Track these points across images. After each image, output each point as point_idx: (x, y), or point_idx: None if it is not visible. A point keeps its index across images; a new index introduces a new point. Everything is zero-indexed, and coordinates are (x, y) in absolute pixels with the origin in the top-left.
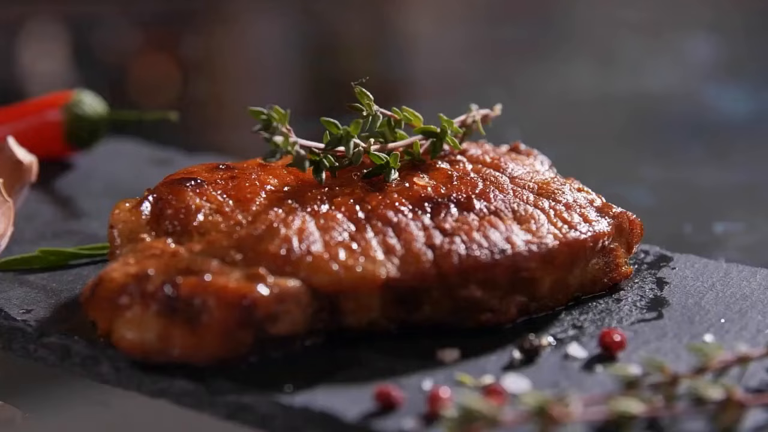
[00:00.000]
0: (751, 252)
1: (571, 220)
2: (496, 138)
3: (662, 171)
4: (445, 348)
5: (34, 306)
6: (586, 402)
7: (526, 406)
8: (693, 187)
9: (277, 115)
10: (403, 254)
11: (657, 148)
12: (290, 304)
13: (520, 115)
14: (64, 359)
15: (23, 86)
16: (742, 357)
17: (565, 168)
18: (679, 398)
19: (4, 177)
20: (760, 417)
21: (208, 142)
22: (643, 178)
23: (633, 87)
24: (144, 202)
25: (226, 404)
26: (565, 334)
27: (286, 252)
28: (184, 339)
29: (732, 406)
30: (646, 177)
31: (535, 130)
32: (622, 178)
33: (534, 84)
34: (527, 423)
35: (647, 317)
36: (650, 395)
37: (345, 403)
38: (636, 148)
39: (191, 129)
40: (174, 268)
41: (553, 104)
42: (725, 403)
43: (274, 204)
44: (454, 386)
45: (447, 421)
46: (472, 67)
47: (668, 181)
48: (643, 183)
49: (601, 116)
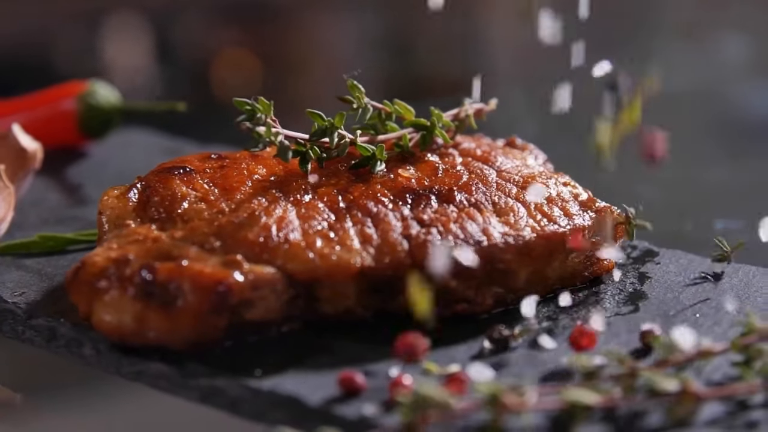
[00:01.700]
0: (747, 250)
1: (551, 213)
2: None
3: (676, 168)
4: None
5: (26, 289)
6: (542, 392)
7: (479, 395)
8: (703, 184)
9: (261, 106)
10: (379, 244)
11: (675, 145)
12: (265, 291)
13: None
14: (50, 341)
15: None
16: (704, 351)
17: (580, 164)
18: (637, 390)
19: (7, 164)
20: (717, 410)
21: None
22: (655, 175)
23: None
24: (132, 189)
25: (198, 387)
26: (539, 325)
27: (263, 240)
28: (160, 322)
29: (687, 398)
30: (659, 174)
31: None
32: (632, 174)
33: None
34: (480, 411)
35: (623, 311)
36: (609, 386)
37: (311, 389)
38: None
39: (214, 121)
40: (154, 254)
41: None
42: (681, 396)
43: (259, 193)
44: (420, 374)
45: (402, 407)
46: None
47: (679, 178)
48: (654, 180)
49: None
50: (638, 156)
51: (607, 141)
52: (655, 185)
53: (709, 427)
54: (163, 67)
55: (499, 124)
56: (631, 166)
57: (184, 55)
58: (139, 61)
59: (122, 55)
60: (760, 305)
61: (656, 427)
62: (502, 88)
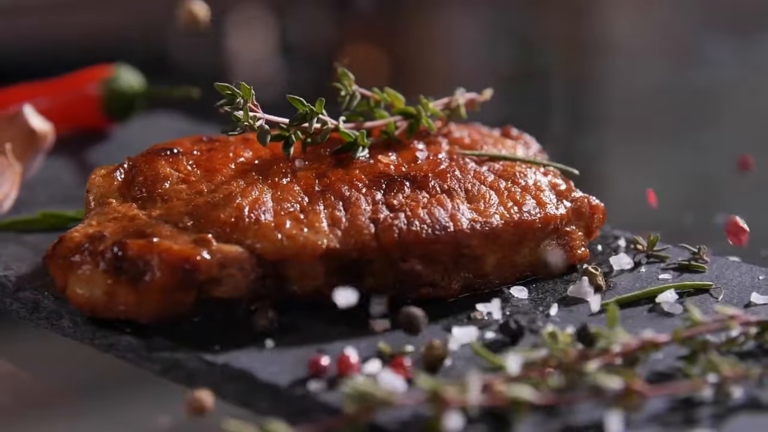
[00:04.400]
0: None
1: (523, 201)
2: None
3: (693, 162)
4: (378, 318)
5: (20, 263)
6: (485, 386)
7: (421, 389)
8: (713, 178)
9: (242, 91)
10: (346, 227)
11: (696, 139)
12: (232, 269)
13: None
14: (33, 312)
15: (229, 73)
16: (647, 343)
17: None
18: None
19: (17, 143)
20: (659, 405)
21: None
22: (669, 168)
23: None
24: (119, 168)
25: (160, 360)
26: (500, 312)
27: (234, 219)
28: (128, 297)
29: (631, 395)
30: (674, 167)
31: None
32: (645, 168)
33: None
34: (421, 406)
35: (586, 299)
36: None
37: (263, 364)
38: (676, 140)
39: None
40: (129, 231)
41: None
42: (624, 392)
43: (239, 176)
44: (374, 354)
45: (346, 399)
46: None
47: (692, 172)
48: (667, 173)
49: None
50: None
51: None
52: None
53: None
54: (285, 59)
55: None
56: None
57: (305, 48)
58: (261, 53)
59: (246, 49)
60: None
61: (598, 423)
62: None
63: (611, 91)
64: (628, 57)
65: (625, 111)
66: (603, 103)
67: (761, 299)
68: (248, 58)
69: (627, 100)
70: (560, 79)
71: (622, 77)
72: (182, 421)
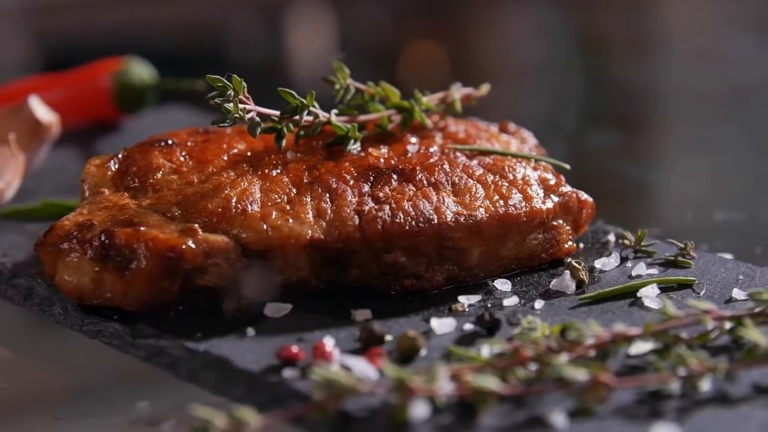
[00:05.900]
0: (741, 240)
1: (509, 195)
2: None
3: (702, 160)
4: (359, 308)
5: (18, 251)
6: (453, 376)
7: (388, 378)
8: (719, 175)
9: (233, 84)
10: (331, 218)
11: (708, 137)
12: (218, 259)
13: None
14: (27, 299)
15: (288, 68)
16: (618, 336)
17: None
18: (549, 376)
19: (21, 134)
20: (626, 397)
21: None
22: (679, 165)
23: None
24: (113, 158)
25: (145, 347)
26: (482, 304)
27: (221, 210)
28: (114, 284)
29: (597, 387)
30: (684, 165)
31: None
32: (654, 164)
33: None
34: (387, 395)
35: (567, 292)
36: (521, 372)
37: (243, 352)
38: (689, 138)
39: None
40: (118, 220)
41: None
42: (590, 384)
43: (230, 167)
44: (353, 344)
45: (315, 387)
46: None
47: (701, 169)
48: (675, 170)
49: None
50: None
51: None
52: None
53: (615, 415)
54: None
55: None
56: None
57: (366, 44)
58: (321, 49)
59: (305, 44)
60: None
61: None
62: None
63: (661, 91)
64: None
65: (679, 113)
66: (654, 103)
67: (742, 295)
68: (307, 55)
69: (678, 102)
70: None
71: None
72: (163, 407)
